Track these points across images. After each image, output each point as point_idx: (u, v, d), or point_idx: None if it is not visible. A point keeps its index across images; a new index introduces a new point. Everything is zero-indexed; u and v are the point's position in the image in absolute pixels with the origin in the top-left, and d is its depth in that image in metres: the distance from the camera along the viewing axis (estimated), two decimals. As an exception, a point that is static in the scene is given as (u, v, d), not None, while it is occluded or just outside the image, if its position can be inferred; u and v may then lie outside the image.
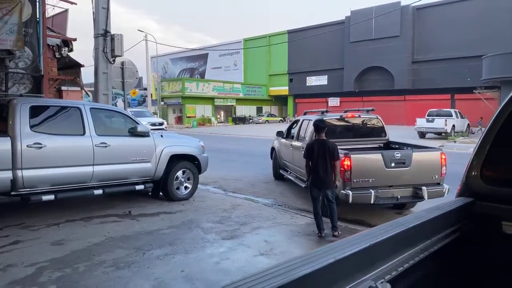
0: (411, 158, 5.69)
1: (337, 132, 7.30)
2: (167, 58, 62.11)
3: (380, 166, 5.60)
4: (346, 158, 5.47)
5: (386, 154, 5.69)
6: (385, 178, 5.64)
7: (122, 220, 5.76)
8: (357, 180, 5.53)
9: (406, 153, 5.81)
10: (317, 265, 0.89)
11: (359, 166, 5.55)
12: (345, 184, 5.55)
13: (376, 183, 5.59)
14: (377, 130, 7.57)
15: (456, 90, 35.34)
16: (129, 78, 10.01)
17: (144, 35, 34.02)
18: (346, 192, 5.48)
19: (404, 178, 5.72)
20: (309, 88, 46.87)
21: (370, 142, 7.47)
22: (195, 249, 4.56)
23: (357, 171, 5.52)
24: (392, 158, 5.64)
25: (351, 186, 5.52)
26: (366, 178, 5.56)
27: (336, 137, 7.14)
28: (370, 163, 5.69)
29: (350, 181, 5.51)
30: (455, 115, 22.96)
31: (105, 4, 8.38)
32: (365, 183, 5.56)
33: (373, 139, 7.52)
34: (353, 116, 7.56)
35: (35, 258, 4.13)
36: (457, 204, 1.82)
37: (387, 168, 5.60)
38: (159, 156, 6.64)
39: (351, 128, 7.54)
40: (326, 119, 7.18)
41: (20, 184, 5.13)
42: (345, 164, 5.47)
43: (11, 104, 5.31)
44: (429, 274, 1.51)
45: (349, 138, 7.32)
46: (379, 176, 5.61)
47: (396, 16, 36.36)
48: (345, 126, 7.52)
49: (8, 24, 7.29)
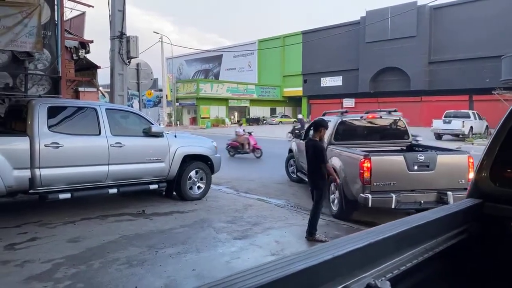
0: (435, 161, 5.44)
1: (358, 134, 7.09)
2: (182, 60, 62.67)
3: (402, 169, 5.37)
4: (366, 160, 5.28)
5: (408, 156, 5.47)
6: (408, 182, 5.41)
7: (136, 218, 5.86)
8: (378, 183, 5.31)
9: (430, 155, 5.57)
10: (314, 261, 0.91)
11: (380, 169, 5.35)
12: (365, 187, 5.31)
13: (398, 186, 5.35)
14: (399, 132, 7.30)
15: (474, 91, 34.57)
16: (144, 79, 10.18)
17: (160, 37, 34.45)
18: (366, 196, 5.25)
19: (428, 182, 5.46)
20: (324, 89, 46.58)
21: (392, 144, 7.19)
22: (206, 248, 4.61)
23: (378, 174, 5.30)
24: (415, 160, 5.40)
25: (371, 189, 5.29)
26: (387, 181, 5.34)
27: (356, 138, 7.02)
28: (392, 165, 5.47)
29: (370, 184, 5.29)
30: (473, 117, 22.50)
31: (121, 6, 8.54)
32: (385, 187, 5.34)
33: (396, 141, 7.24)
34: (374, 117, 7.28)
35: (52, 255, 4.24)
36: (466, 205, 1.81)
37: (409, 171, 5.37)
38: (173, 156, 6.72)
39: (372, 130, 7.30)
40: (346, 120, 7.04)
41: (38, 183, 5.27)
42: (365, 166, 5.27)
43: (30, 105, 5.47)
44: (434, 275, 1.50)
45: (370, 140, 7.10)
46: (401, 180, 5.37)
47: (412, 16, 35.84)
48: (366, 128, 7.28)
49: (27, 27, 7.49)
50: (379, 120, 7.30)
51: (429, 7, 35.65)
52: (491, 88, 27.45)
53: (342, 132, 6.95)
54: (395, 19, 34.81)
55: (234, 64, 56.92)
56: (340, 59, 43.52)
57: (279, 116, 48.80)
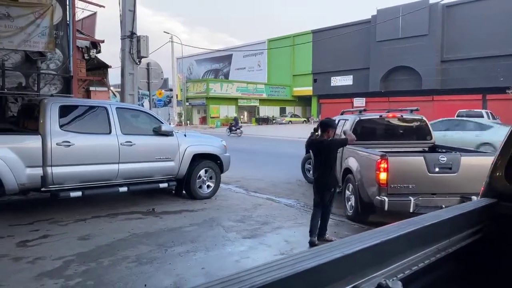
0: (459, 163, 5.08)
1: (377, 134, 6.80)
2: (192, 60, 62.99)
3: (421, 171, 5.04)
4: (383, 160, 4.97)
5: (429, 157, 5.13)
6: (428, 185, 5.08)
7: (146, 217, 5.89)
8: (395, 186, 5.00)
9: (453, 157, 5.22)
10: (324, 259, 0.89)
11: (398, 170, 5.03)
12: (381, 189, 5.01)
13: (417, 189, 5.03)
14: (421, 132, 6.90)
15: (488, 90, 34.02)
16: (154, 79, 10.23)
17: (170, 36, 34.63)
18: (382, 198, 4.97)
19: (451, 185, 5.08)
20: (334, 88, 46.34)
21: (413, 145, 6.82)
22: (216, 247, 4.61)
23: (395, 175, 4.99)
24: (436, 162, 5.07)
25: (388, 191, 4.99)
26: (405, 183, 5.03)
27: (375, 138, 6.72)
28: (410, 166, 5.14)
29: (386, 186, 4.98)
30: (486, 116, 22.12)
31: (131, 6, 8.60)
32: (403, 189, 5.02)
33: (417, 142, 6.87)
34: (394, 116, 6.94)
35: (63, 252, 4.28)
36: (480, 204, 1.77)
37: (430, 173, 5.05)
38: (182, 155, 6.74)
39: (392, 130, 6.92)
40: (364, 118, 6.77)
41: (50, 181, 5.33)
42: (382, 166, 4.96)
43: (42, 104, 5.54)
44: (447, 275, 1.47)
45: (390, 140, 6.73)
46: (420, 182, 5.05)
47: (424, 14, 35.40)
48: (385, 127, 6.93)
49: (40, 27, 7.60)
50: (400, 119, 6.94)
51: (442, 4, 35.19)
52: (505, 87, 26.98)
53: (359, 132, 6.58)
54: (407, 18, 34.45)
55: (244, 63, 57.01)
56: (351, 58, 43.24)
57: (288, 116, 48.71)
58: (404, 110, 7.27)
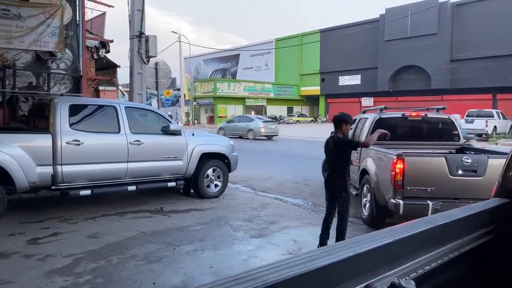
0: (485, 165, 4.64)
1: (398, 134, 6.30)
2: (200, 59, 63.17)
3: (442, 173, 4.66)
4: (399, 160, 4.64)
5: (451, 158, 4.76)
6: (449, 188, 4.67)
7: (154, 215, 5.92)
8: (412, 188, 4.67)
9: (480, 158, 4.81)
10: (336, 257, 0.89)
11: (415, 171, 4.69)
12: (396, 191, 4.68)
13: (437, 193, 4.65)
14: (449, 132, 6.39)
15: (498, 90, 33.63)
16: (163, 78, 10.29)
17: (178, 36, 34.76)
18: (396, 202, 4.63)
19: (476, 190, 4.59)
20: (342, 87, 46.16)
21: (439, 146, 6.33)
22: (223, 246, 4.61)
23: (412, 177, 4.66)
24: (459, 163, 4.67)
25: (403, 194, 4.66)
26: (423, 186, 4.67)
27: (396, 139, 6.15)
28: (430, 168, 4.77)
29: (402, 188, 4.65)
30: (496, 116, 21.89)
31: (140, 6, 8.65)
32: (421, 192, 4.67)
33: (443, 143, 6.37)
34: (418, 115, 6.42)
35: (72, 250, 4.32)
36: (492, 205, 1.74)
37: (452, 175, 4.65)
38: (190, 154, 6.76)
39: (416, 129, 6.45)
40: (384, 117, 6.35)
41: (60, 179, 5.39)
42: (397, 167, 4.64)
43: (52, 103, 5.60)
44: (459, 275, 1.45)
45: (413, 141, 6.28)
46: (440, 185, 4.68)
47: (433, 13, 35.10)
48: (408, 127, 6.46)
49: (50, 27, 7.67)
50: (424, 118, 6.42)
51: (451, 3, 34.86)
52: (516, 86, 26.64)
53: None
54: (416, 17, 34.17)
55: (251, 63, 57.04)
56: (359, 57, 43.03)
57: (296, 115, 48.61)
58: (430, 109, 6.82)
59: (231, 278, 0.75)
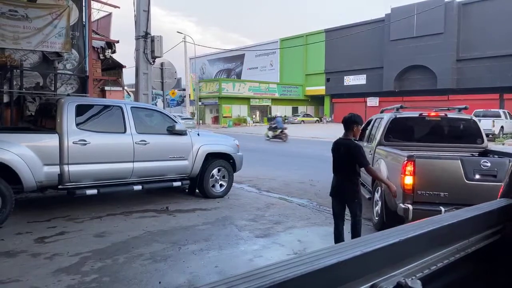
0: (506, 170, 4.10)
1: (415, 135, 6.02)
2: (205, 59, 63.30)
3: (457, 177, 4.33)
4: (409, 163, 4.36)
5: (468, 161, 4.42)
6: (465, 194, 4.30)
7: (160, 215, 5.95)
8: (423, 192, 4.39)
9: (500, 162, 4.44)
10: (343, 256, 0.89)
11: (427, 174, 4.39)
12: (406, 195, 4.39)
13: (451, 198, 4.33)
14: (470, 134, 5.94)
15: (505, 90, 33.34)
16: (168, 78, 10.31)
17: (183, 36, 34.87)
18: (406, 206, 4.33)
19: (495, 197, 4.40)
20: (347, 87, 46.00)
21: (459, 149, 5.88)
22: (229, 245, 4.63)
23: (423, 180, 4.38)
24: (476, 167, 4.33)
25: (414, 199, 4.38)
26: (436, 190, 4.37)
27: (413, 140, 5.96)
28: (443, 171, 4.43)
29: (412, 192, 4.38)
30: (503, 116, 21.72)
31: (145, 6, 8.70)
32: (433, 197, 4.37)
33: (465, 145, 5.92)
34: (437, 115, 5.94)
35: (79, 249, 4.36)
36: (499, 205, 1.73)
37: (468, 180, 4.31)
38: (196, 154, 6.79)
39: (434, 130, 6.05)
40: (400, 117, 6.02)
41: (67, 179, 5.43)
42: (408, 169, 4.36)
43: (59, 103, 5.65)
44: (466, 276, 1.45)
45: (431, 142, 5.90)
46: (455, 190, 4.35)
47: (439, 13, 34.86)
48: (426, 128, 6.07)
49: (57, 28, 7.74)
50: (444, 119, 5.95)
51: (457, 2, 34.61)
52: (523, 86, 26.39)
53: (395, 132, 5.89)
54: (421, 16, 33.97)
55: (256, 63, 57.02)
56: (364, 57, 42.85)
57: (301, 115, 48.52)
58: (452, 109, 6.46)
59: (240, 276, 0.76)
